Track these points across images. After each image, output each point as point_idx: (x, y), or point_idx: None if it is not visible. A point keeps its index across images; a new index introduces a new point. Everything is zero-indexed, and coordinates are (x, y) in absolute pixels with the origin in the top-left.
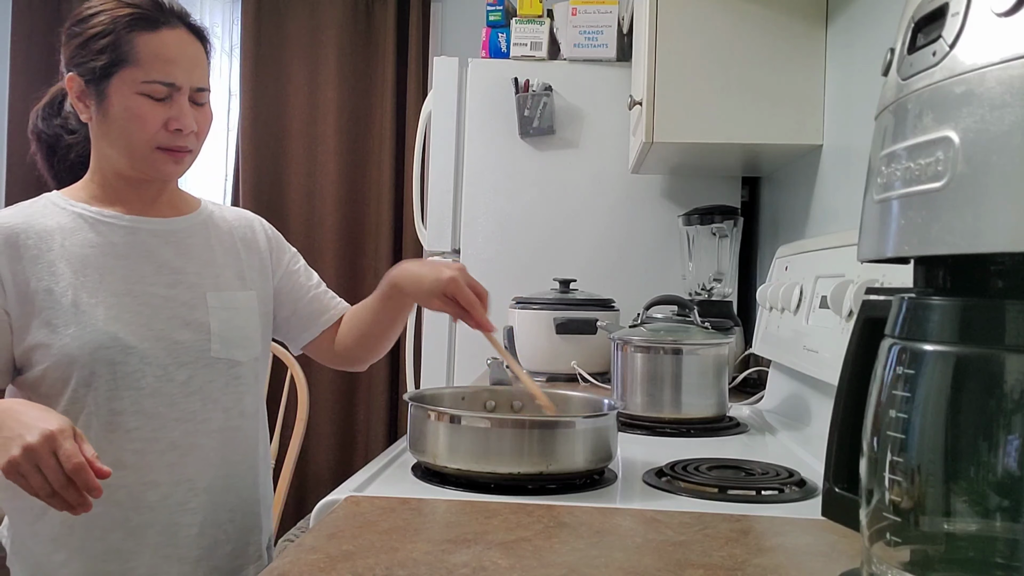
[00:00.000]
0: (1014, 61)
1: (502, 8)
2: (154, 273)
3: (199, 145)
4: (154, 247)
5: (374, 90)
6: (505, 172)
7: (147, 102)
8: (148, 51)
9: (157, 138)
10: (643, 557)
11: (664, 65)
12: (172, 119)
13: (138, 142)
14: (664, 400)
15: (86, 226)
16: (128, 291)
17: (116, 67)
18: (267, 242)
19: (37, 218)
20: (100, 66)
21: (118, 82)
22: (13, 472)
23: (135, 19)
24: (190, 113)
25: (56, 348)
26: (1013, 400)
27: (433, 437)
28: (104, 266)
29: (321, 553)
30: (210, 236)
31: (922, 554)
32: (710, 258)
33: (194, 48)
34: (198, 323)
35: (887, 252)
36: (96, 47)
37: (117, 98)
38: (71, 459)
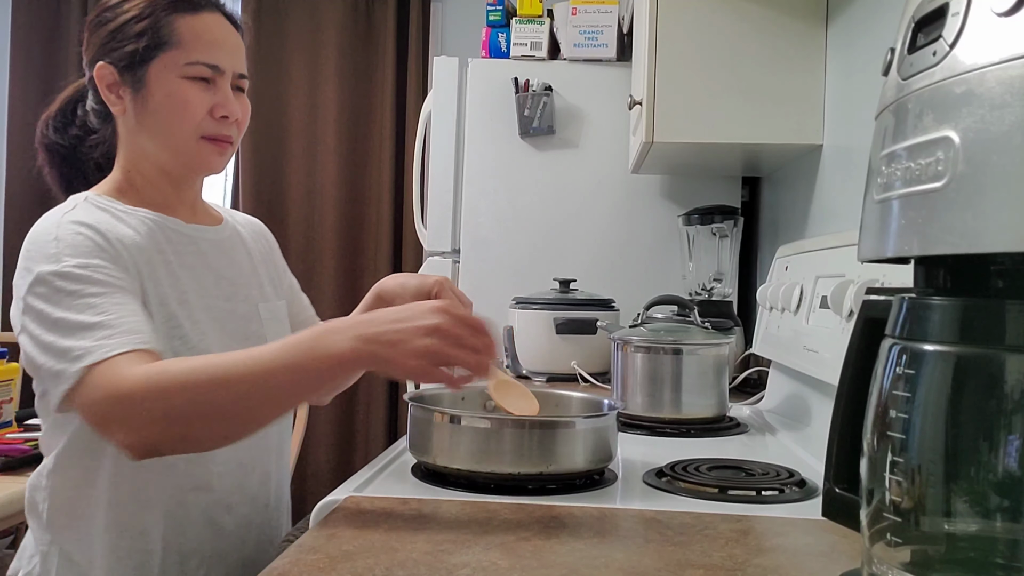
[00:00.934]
0: (1014, 61)
1: (502, 8)
2: (215, 285)
3: (239, 137)
4: (212, 258)
5: (374, 90)
6: (505, 172)
7: (191, 87)
8: (191, 32)
9: (202, 126)
10: (643, 557)
11: (664, 65)
12: (218, 105)
13: (182, 131)
14: (664, 400)
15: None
16: (212, 306)
17: (156, 51)
18: (277, 251)
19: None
20: (139, 49)
21: (158, 66)
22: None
23: (174, 1)
24: (233, 99)
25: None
26: (1013, 400)
27: (433, 437)
28: (179, 277)
29: (321, 553)
30: (246, 245)
31: (922, 554)
32: (710, 258)
33: (235, 35)
34: (257, 335)
35: (887, 252)
36: (132, 31)
37: (158, 84)
38: (478, 319)
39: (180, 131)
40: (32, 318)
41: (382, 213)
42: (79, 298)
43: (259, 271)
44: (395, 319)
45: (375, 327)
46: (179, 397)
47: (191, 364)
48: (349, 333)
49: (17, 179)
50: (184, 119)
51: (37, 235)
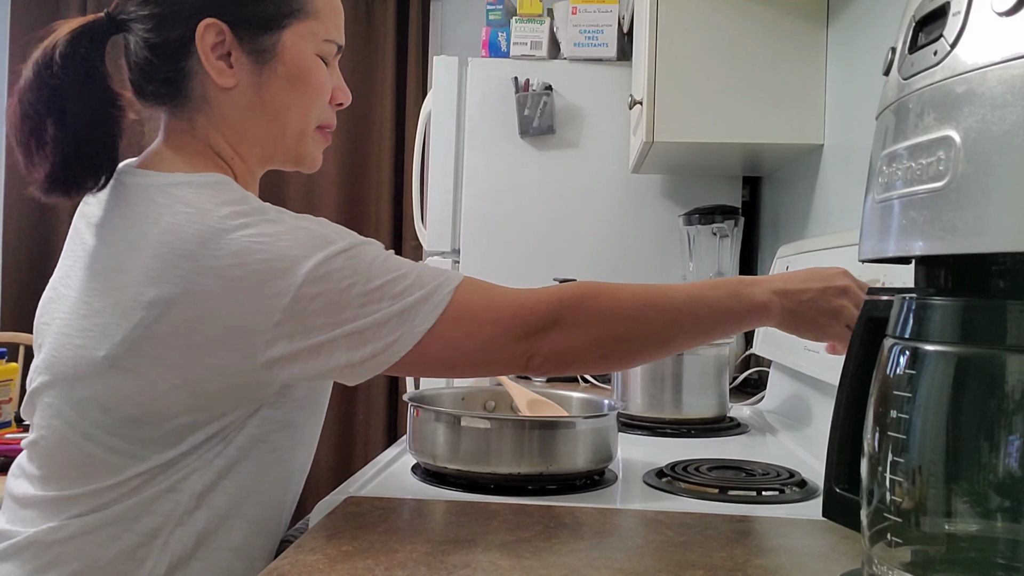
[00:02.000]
0: (1015, 60)
1: (502, 7)
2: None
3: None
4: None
5: (374, 90)
6: (505, 172)
7: (322, 66)
8: (327, 3)
9: (327, 113)
10: (643, 558)
11: (664, 65)
12: (338, 89)
13: (310, 116)
14: (664, 400)
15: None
16: None
17: (292, 17)
18: None
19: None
20: (272, 13)
21: (293, 36)
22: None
23: None
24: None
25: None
26: (1014, 400)
27: (433, 437)
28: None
29: (321, 553)
30: None
31: (923, 555)
32: (711, 258)
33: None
34: None
35: (888, 252)
36: None
37: (292, 57)
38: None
39: (308, 115)
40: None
41: (382, 213)
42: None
43: None
44: (808, 278)
45: (792, 284)
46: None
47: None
48: (767, 286)
49: (17, 179)
50: (316, 103)
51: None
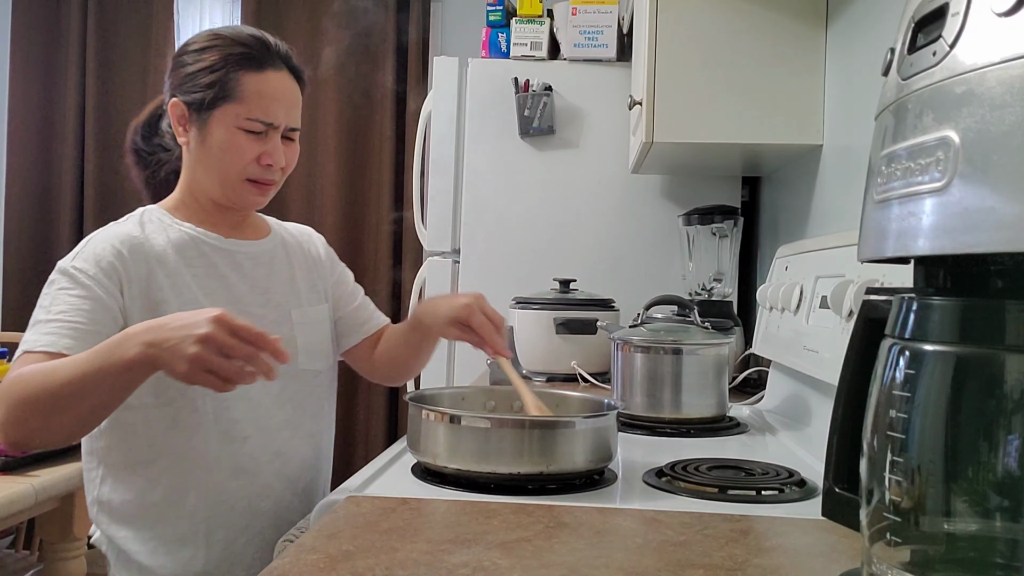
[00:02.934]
0: (1014, 61)
1: (502, 8)
2: (248, 293)
3: (283, 178)
4: (248, 268)
5: (374, 90)
6: (505, 172)
7: (245, 136)
8: (252, 90)
9: (248, 170)
10: (643, 557)
11: (664, 65)
12: (265, 154)
13: (230, 172)
14: (664, 400)
15: (193, 246)
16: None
17: (220, 101)
18: (326, 255)
19: (150, 233)
20: (206, 98)
21: (220, 115)
22: (199, 370)
23: (244, 58)
24: (281, 149)
25: None
26: (1013, 400)
27: (433, 437)
28: (207, 287)
29: (321, 553)
30: (289, 255)
31: (922, 554)
32: (710, 258)
33: (294, 90)
34: (287, 338)
35: (887, 252)
36: (204, 80)
37: (217, 130)
38: (250, 330)
39: (229, 173)
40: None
41: (382, 213)
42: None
43: (297, 279)
44: (177, 326)
45: (161, 333)
46: (26, 390)
47: (46, 365)
48: (139, 339)
49: (17, 179)
50: (233, 163)
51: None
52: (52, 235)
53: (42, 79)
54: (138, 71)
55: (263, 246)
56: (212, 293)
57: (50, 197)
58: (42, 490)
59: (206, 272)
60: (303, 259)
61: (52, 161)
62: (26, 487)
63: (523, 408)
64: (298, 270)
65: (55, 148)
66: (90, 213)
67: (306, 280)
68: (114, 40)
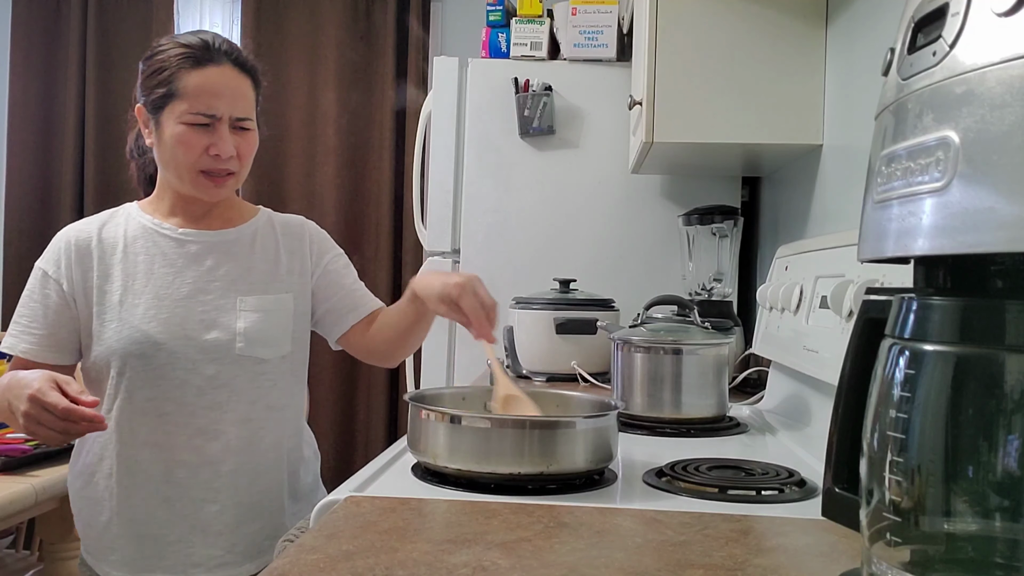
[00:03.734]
0: (1014, 61)
1: (502, 8)
2: (194, 279)
3: (242, 167)
4: (198, 256)
5: (374, 90)
6: (505, 172)
7: (190, 130)
8: (193, 86)
9: (200, 162)
10: (643, 557)
11: (664, 65)
12: (212, 145)
13: (184, 165)
14: (664, 400)
15: (146, 236)
16: (168, 295)
17: (168, 100)
18: (310, 244)
19: (110, 227)
20: (157, 99)
21: (168, 113)
22: (32, 429)
23: (185, 58)
24: (229, 140)
25: (101, 339)
26: (1013, 400)
27: (433, 437)
28: (152, 272)
29: (321, 553)
30: (254, 244)
31: (922, 554)
32: (710, 258)
33: (238, 82)
34: (226, 324)
35: (887, 252)
36: (154, 82)
37: (168, 127)
38: (57, 406)
39: (182, 166)
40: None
41: (382, 213)
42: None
43: (259, 267)
44: (14, 395)
45: (8, 394)
46: None
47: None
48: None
49: (17, 179)
50: (185, 157)
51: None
52: (52, 235)
53: (42, 79)
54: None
55: (226, 235)
56: (153, 278)
57: (50, 197)
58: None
59: (153, 260)
60: (274, 249)
61: (52, 161)
62: (26, 487)
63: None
64: (260, 259)
65: (55, 148)
66: (90, 212)
67: (269, 270)
68: (114, 40)
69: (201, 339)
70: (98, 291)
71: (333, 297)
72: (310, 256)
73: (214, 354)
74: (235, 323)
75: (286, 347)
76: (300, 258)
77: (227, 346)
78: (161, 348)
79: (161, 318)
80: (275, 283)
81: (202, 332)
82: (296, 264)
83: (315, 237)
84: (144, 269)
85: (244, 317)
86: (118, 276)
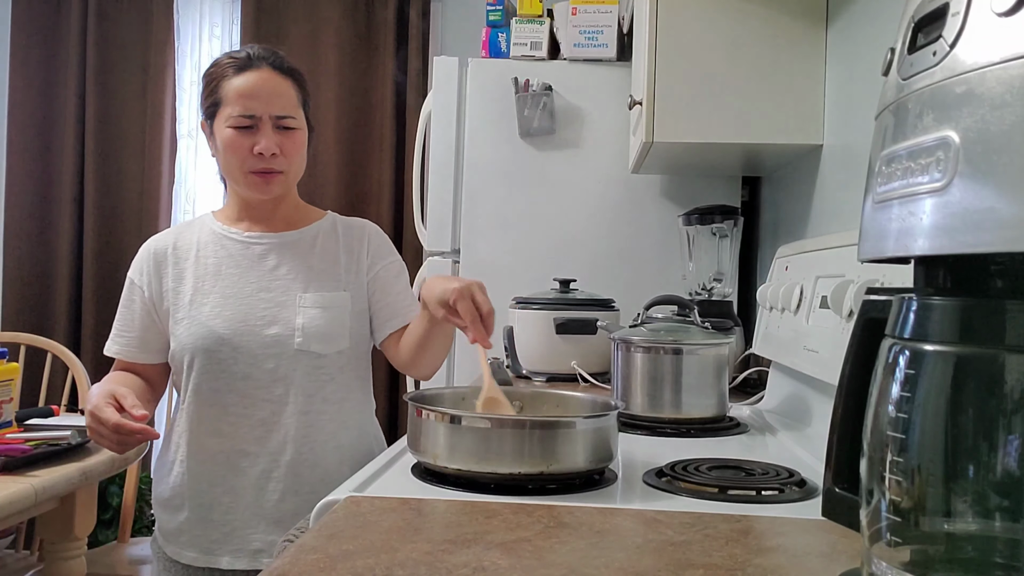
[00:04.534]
0: (1014, 61)
1: (502, 8)
2: (258, 278)
3: (290, 165)
4: (262, 257)
5: (374, 90)
6: (505, 172)
7: (236, 133)
8: (234, 92)
9: (247, 163)
10: (643, 557)
11: (664, 65)
12: (255, 144)
13: (234, 168)
14: (664, 400)
15: (216, 241)
16: (234, 294)
17: (216, 108)
18: (368, 246)
19: (185, 235)
20: (208, 108)
21: (218, 121)
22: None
23: (228, 67)
24: (271, 138)
25: (176, 336)
26: (1013, 400)
27: (433, 437)
28: (220, 273)
29: (321, 553)
30: (315, 245)
31: (922, 554)
32: (710, 258)
33: (276, 82)
34: (286, 320)
35: (887, 252)
36: (206, 93)
37: (219, 134)
38: (108, 422)
39: (234, 168)
40: None
41: (382, 213)
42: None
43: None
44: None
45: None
46: None
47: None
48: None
49: (17, 179)
50: (233, 159)
51: None
52: (52, 235)
53: (42, 80)
54: (138, 71)
55: (287, 237)
56: (221, 278)
57: (50, 197)
58: (42, 490)
59: (221, 262)
60: (334, 250)
61: (52, 162)
62: (26, 487)
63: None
64: (320, 259)
65: (55, 148)
66: (90, 213)
67: (328, 269)
68: (114, 40)
69: (262, 334)
70: (173, 293)
71: (379, 303)
72: (367, 257)
73: (274, 349)
74: (295, 319)
75: (343, 343)
76: (357, 258)
77: (287, 341)
78: (225, 343)
79: (226, 315)
80: (333, 281)
81: (264, 328)
82: (353, 263)
83: (374, 240)
84: (213, 271)
85: (303, 313)
86: (190, 279)
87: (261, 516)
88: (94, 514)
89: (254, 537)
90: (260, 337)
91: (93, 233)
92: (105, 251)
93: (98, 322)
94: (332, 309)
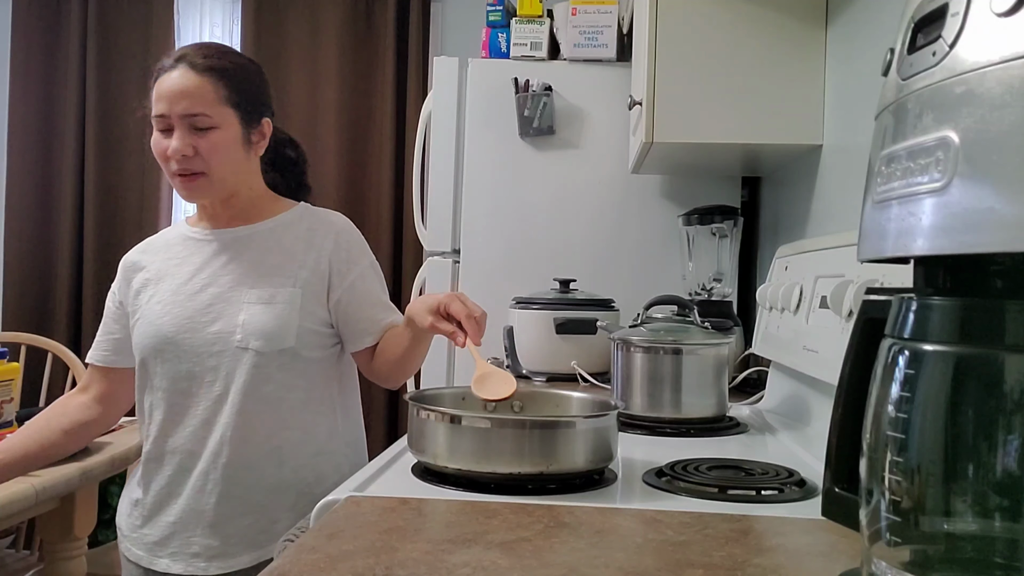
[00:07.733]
0: (1014, 61)
1: (502, 8)
2: (209, 275)
3: (210, 165)
4: (216, 253)
5: (374, 90)
6: (505, 172)
7: (156, 136)
8: (155, 95)
9: (169, 166)
10: (643, 557)
11: (664, 65)
12: (167, 147)
13: (163, 170)
14: (664, 400)
15: (181, 243)
16: (184, 291)
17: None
18: (336, 248)
19: (156, 242)
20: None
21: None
22: None
23: (159, 70)
24: (182, 139)
25: (134, 336)
26: (1013, 400)
27: (433, 437)
28: (171, 272)
29: (321, 553)
30: (269, 240)
31: (922, 554)
32: (710, 258)
33: (187, 81)
34: (230, 316)
35: (887, 252)
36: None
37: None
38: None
39: (163, 170)
40: None
41: (382, 213)
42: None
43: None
44: None
45: None
46: None
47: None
48: None
49: (17, 179)
50: (158, 160)
51: None
52: (52, 235)
53: (42, 79)
54: (138, 71)
55: (240, 232)
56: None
57: (50, 197)
58: (42, 490)
59: (183, 262)
60: (291, 246)
61: (52, 161)
62: (26, 487)
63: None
64: (275, 255)
65: (55, 148)
66: (90, 213)
67: (282, 265)
68: (114, 40)
69: (206, 332)
70: (135, 296)
71: (354, 316)
72: (331, 261)
73: (217, 346)
74: (238, 315)
75: (288, 341)
76: (318, 255)
77: (228, 338)
78: (170, 341)
79: (174, 313)
80: (284, 277)
81: (207, 325)
82: (311, 259)
83: (343, 242)
84: (167, 270)
85: (247, 309)
86: (149, 280)
87: (200, 519)
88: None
89: (193, 540)
90: (203, 335)
91: (93, 233)
92: (105, 251)
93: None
94: (277, 305)
